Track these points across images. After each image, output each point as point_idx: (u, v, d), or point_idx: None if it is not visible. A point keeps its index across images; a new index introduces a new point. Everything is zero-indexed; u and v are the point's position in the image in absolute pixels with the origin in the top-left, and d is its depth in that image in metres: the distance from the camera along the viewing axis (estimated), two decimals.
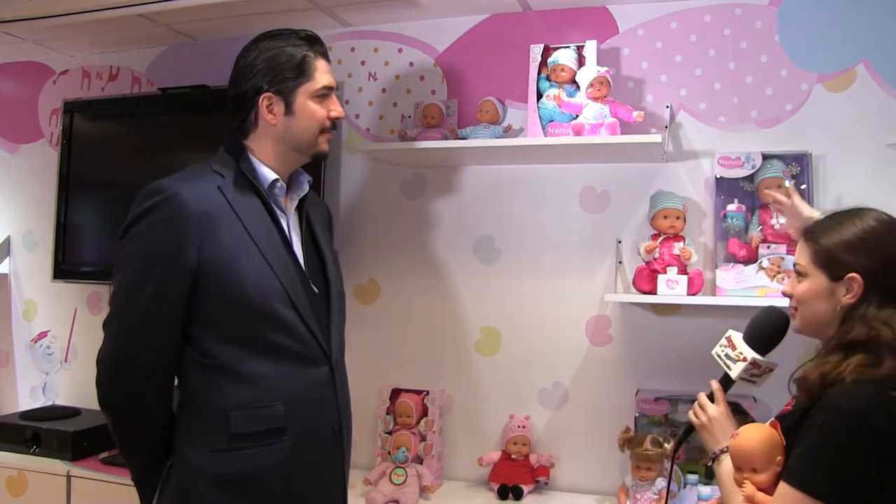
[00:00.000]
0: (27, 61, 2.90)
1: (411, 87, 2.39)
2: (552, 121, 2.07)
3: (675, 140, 2.11)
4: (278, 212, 1.51)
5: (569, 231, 2.22)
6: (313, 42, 1.52)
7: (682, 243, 2.00)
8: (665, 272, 1.98)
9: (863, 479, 1.09)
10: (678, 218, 2.02)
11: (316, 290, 1.51)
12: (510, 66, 2.24)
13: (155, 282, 1.36)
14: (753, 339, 1.37)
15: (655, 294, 1.98)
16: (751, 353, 1.34)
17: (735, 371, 1.36)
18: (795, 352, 1.43)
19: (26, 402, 2.81)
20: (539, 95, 2.11)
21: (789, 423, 1.22)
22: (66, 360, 2.76)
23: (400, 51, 2.41)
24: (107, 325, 1.41)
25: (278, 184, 1.51)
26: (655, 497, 1.90)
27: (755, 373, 1.35)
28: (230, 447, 1.38)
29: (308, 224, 1.58)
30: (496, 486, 2.13)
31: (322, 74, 1.52)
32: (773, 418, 1.28)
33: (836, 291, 1.23)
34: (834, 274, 1.23)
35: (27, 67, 2.90)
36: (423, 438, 2.21)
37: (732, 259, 1.96)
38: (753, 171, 1.99)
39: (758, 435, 1.22)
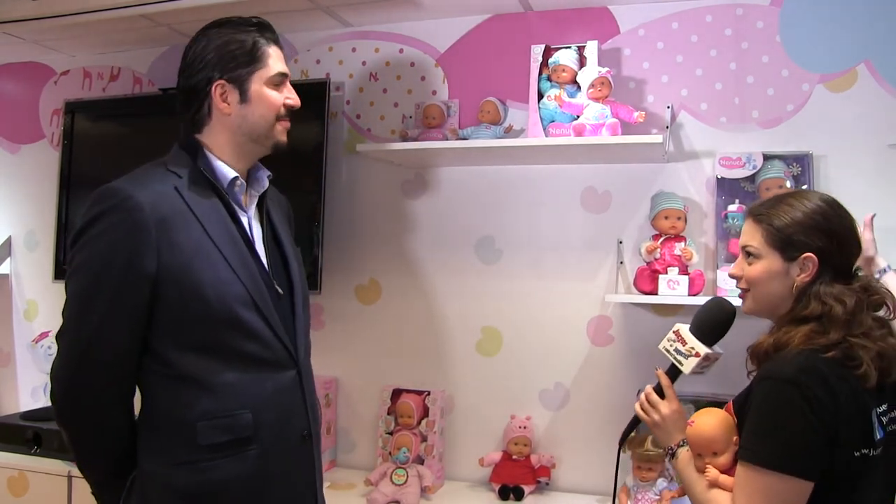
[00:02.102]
0: (28, 62, 2.90)
1: (412, 88, 2.39)
2: (553, 121, 2.07)
3: (676, 140, 2.11)
4: (239, 211, 1.43)
5: (570, 231, 2.22)
6: (264, 28, 1.46)
7: (683, 244, 2.00)
8: (666, 272, 1.98)
9: (809, 442, 1.13)
10: (679, 218, 2.02)
11: (280, 291, 1.44)
12: (511, 66, 2.24)
13: (109, 291, 1.28)
14: (702, 332, 1.36)
15: (657, 294, 1.98)
16: (703, 349, 1.34)
17: (687, 367, 1.35)
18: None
19: (27, 402, 2.81)
20: (540, 96, 2.11)
21: (741, 401, 1.25)
22: None
23: (401, 51, 2.41)
24: (60, 337, 1.33)
25: (238, 181, 1.43)
26: (656, 498, 1.90)
27: (705, 364, 1.36)
28: (196, 459, 1.31)
29: (269, 221, 1.51)
30: (497, 487, 2.13)
31: (275, 61, 1.44)
32: (729, 401, 1.31)
33: (791, 271, 1.25)
34: (789, 254, 1.25)
35: (28, 68, 2.90)
36: (425, 439, 2.21)
37: (734, 259, 1.95)
38: (754, 171, 1.98)
39: (714, 419, 1.25)
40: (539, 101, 2.10)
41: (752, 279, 1.29)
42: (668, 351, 1.39)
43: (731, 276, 1.36)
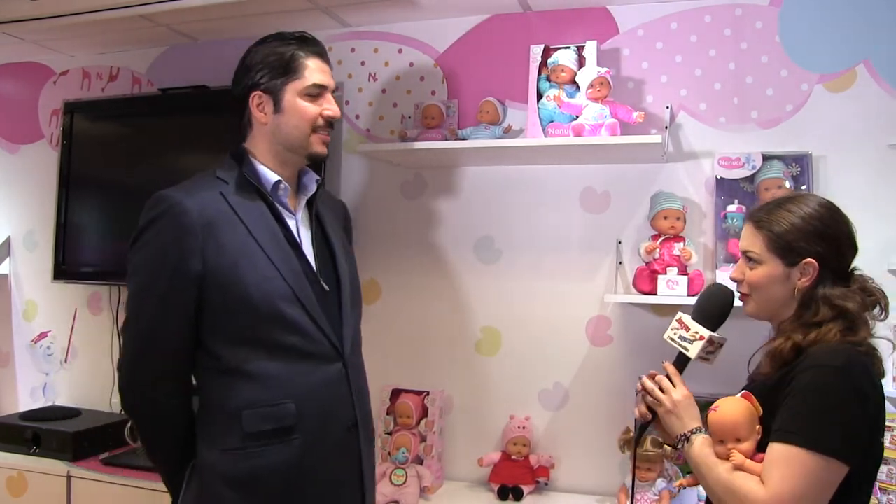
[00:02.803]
0: (27, 62, 2.90)
1: (411, 88, 2.39)
2: (552, 121, 2.07)
3: (675, 140, 2.11)
4: (284, 212, 1.51)
5: (569, 231, 2.22)
6: (305, 42, 1.53)
7: (682, 244, 2.00)
8: (665, 273, 1.98)
9: (858, 428, 1.18)
10: (678, 218, 2.01)
11: (326, 287, 1.52)
12: (510, 66, 2.24)
13: (163, 289, 1.40)
14: (703, 317, 1.39)
15: (655, 295, 1.98)
16: (706, 332, 1.37)
17: (693, 350, 1.38)
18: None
19: (26, 402, 2.81)
20: (539, 96, 2.11)
21: (766, 392, 1.26)
22: (66, 361, 2.76)
23: (400, 51, 2.41)
24: (122, 332, 1.47)
25: (282, 185, 1.51)
26: (655, 498, 1.90)
27: (710, 350, 1.38)
28: (243, 446, 1.41)
29: (319, 222, 1.59)
30: (496, 487, 2.13)
31: (313, 72, 1.51)
32: (743, 391, 1.30)
33: (792, 276, 1.30)
34: (789, 260, 1.29)
35: (27, 68, 2.90)
36: (424, 439, 2.21)
37: (732, 260, 1.96)
38: (754, 171, 1.98)
39: (739, 405, 1.25)
40: (538, 101, 2.10)
41: (754, 284, 1.33)
42: (672, 340, 1.41)
43: (733, 280, 1.39)
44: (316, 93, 1.51)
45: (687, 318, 1.40)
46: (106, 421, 2.52)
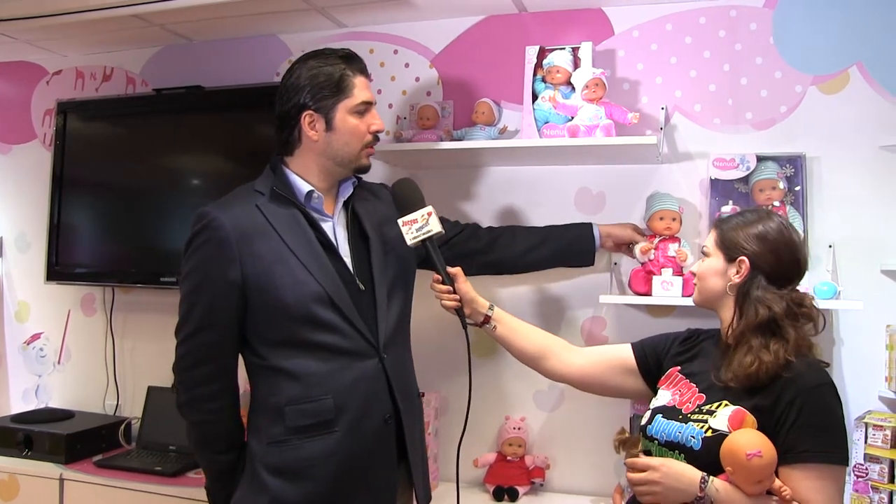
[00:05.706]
0: (20, 61, 2.89)
1: (407, 89, 2.39)
2: (547, 122, 2.08)
3: (670, 141, 2.12)
4: (319, 218, 1.59)
5: None
6: (351, 60, 1.61)
7: (677, 245, 2.01)
8: (660, 273, 1.98)
9: (846, 436, 1.32)
10: (674, 219, 2.02)
11: (362, 286, 1.59)
12: (506, 67, 2.25)
13: (207, 297, 1.51)
14: (411, 204, 1.60)
15: (651, 295, 1.98)
16: (424, 210, 1.59)
17: (435, 224, 1.58)
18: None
19: (19, 404, 2.79)
20: (534, 97, 2.11)
21: (759, 412, 1.32)
22: (59, 362, 2.75)
23: (395, 52, 2.41)
24: (176, 334, 1.56)
25: (314, 194, 1.59)
26: None
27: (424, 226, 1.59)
28: (286, 439, 1.51)
29: (356, 222, 1.65)
30: (492, 488, 2.13)
31: (360, 90, 1.59)
32: (735, 407, 1.33)
33: (729, 271, 1.45)
34: (730, 255, 1.45)
35: (20, 67, 2.89)
36: None
37: None
38: (748, 172, 1.99)
39: (766, 441, 1.27)
40: (533, 102, 2.10)
41: (699, 274, 1.51)
42: (417, 239, 1.58)
43: (691, 273, 1.58)
44: (363, 109, 1.60)
45: (405, 218, 1.58)
46: (99, 423, 2.51)
